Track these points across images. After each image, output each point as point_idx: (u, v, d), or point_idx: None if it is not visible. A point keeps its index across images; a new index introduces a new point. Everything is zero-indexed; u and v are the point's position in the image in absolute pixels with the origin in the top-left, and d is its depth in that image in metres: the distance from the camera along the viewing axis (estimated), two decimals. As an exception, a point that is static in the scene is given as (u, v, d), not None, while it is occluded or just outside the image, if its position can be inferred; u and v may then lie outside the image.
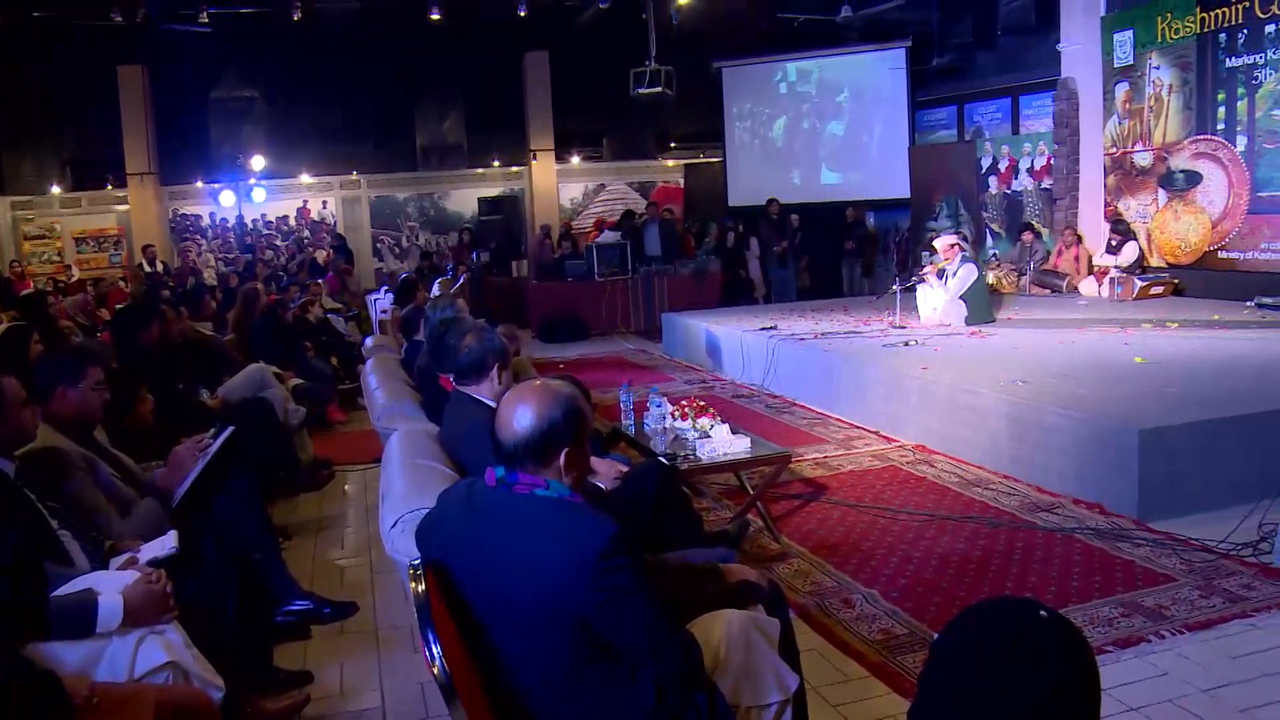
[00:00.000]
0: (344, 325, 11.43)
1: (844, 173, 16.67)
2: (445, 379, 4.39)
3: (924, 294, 9.62)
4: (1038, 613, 1.37)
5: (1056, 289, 12.03)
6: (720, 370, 10.23)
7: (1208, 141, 10.79)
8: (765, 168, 17.37)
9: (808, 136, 16.99)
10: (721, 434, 5.25)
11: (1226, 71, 10.48)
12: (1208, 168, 10.83)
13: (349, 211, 20.29)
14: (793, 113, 17.07)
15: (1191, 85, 10.92)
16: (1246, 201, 10.38)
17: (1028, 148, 13.63)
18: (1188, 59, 10.94)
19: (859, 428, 7.48)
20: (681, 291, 14.06)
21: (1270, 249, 10.18)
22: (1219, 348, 7.63)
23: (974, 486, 5.86)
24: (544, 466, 2.35)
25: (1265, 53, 10.04)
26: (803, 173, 16.99)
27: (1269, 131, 10.11)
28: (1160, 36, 11.25)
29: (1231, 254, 10.59)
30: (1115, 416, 5.49)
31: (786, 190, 16.24)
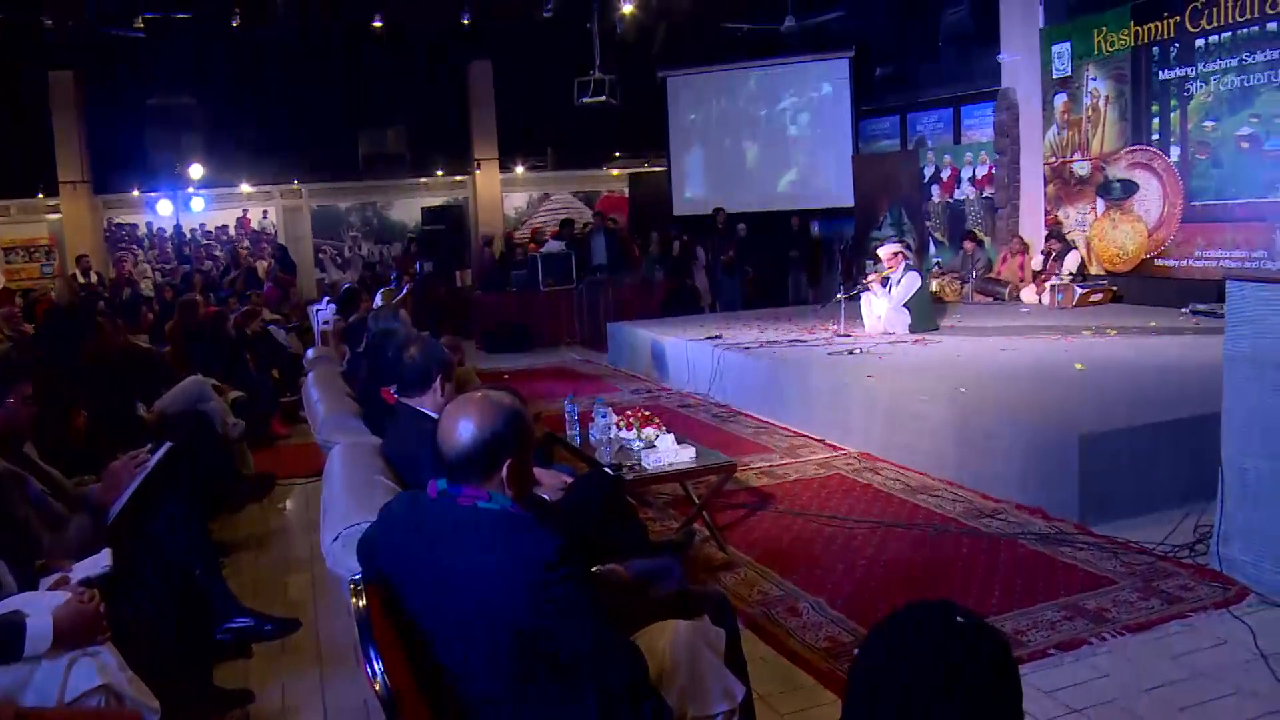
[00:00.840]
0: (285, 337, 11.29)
1: (788, 182, 16.80)
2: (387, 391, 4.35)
3: (868, 302, 9.71)
4: (954, 618, 1.37)
5: (998, 297, 12.20)
6: (666, 380, 10.24)
7: (1143, 151, 11.03)
8: (710, 177, 17.46)
9: (751, 145, 17.11)
10: (667, 444, 5.25)
11: (1160, 84, 10.74)
12: (1143, 177, 11.06)
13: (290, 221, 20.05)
14: (737, 122, 17.18)
15: (1127, 97, 11.16)
16: (1180, 210, 10.62)
17: (969, 157, 13.84)
18: (1123, 71, 11.19)
19: (804, 436, 7.53)
20: (627, 301, 14.07)
21: (1204, 257, 10.43)
22: (1156, 354, 7.79)
23: (919, 493, 5.92)
24: (487, 479, 2.33)
25: (1196, 66, 10.30)
26: (747, 182, 17.09)
27: (1200, 142, 10.36)
28: (1097, 49, 11.49)
29: (1167, 262, 10.83)
30: (1056, 422, 5.59)
31: (731, 199, 16.33)
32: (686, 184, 17.60)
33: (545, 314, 14.09)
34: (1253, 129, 9.80)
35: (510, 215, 20.71)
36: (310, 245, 20.10)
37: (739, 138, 17.22)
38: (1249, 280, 4.29)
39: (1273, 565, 4.23)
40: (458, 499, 2.32)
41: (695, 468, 5.23)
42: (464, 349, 7.03)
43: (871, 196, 15.27)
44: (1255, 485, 4.27)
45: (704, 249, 15.66)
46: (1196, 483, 5.07)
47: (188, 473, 4.35)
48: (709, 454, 5.41)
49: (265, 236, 19.69)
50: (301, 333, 12.45)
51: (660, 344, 10.47)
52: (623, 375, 11.00)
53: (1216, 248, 10.28)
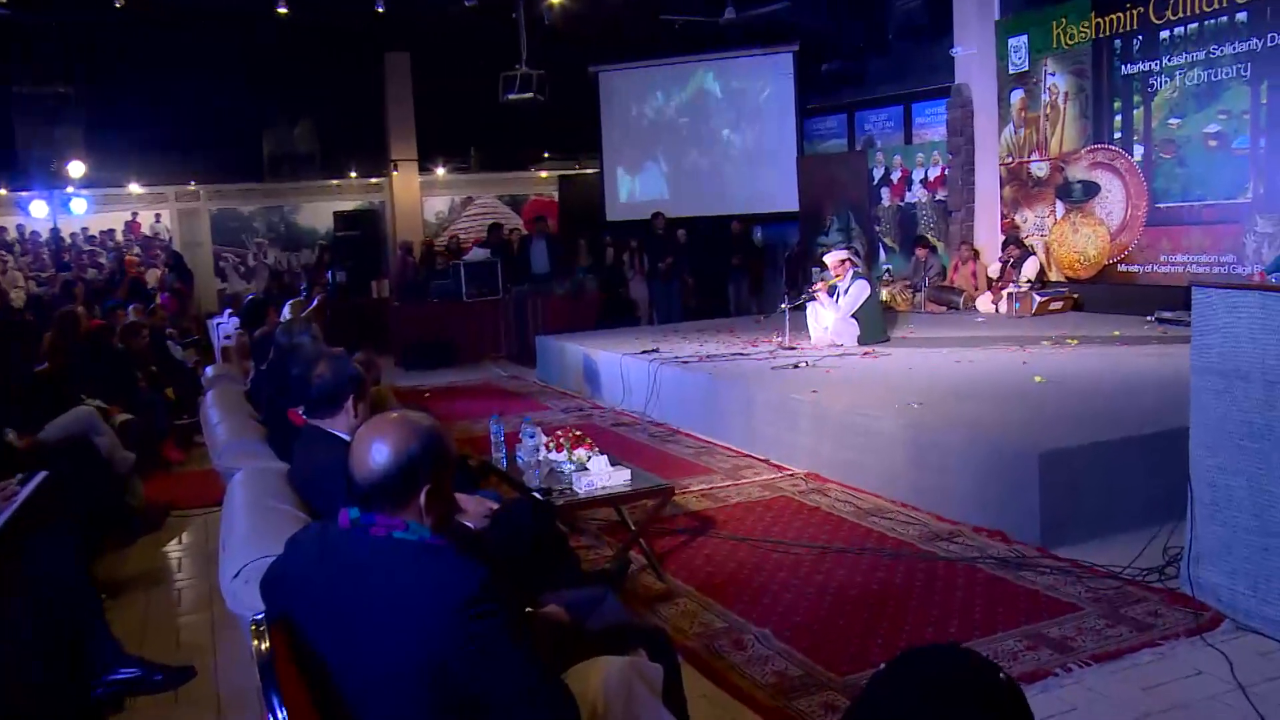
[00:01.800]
0: (181, 352, 11.09)
1: (729, 184, 16.93)
2: (295, 412, 4.28)
3: (814, 313, 9.79)
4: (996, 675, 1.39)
5: (953, 306, 12.38)
6: (599, 397, 10.22)
7: (1105, 151, 11.27)
8: (644, 179, 17.52)
9: (690, 146, 17.21)
10: (600, 466, 5.23)
11: (1122, 79, 10.98)
12: (1105, 178, 11.30)
13: (186, 226, 19.70)
14: (673, 120, 17.28)
15: (1088, 93, 11.40)
16: (1145, 213, 10.86)
17: (921, 158, 14.04)
18: (1083, 66, 11.42)
19: (747, 456, 7.55)
20: (557, 312, 14.04)
21: (1170, 262, 10.65)
22: (1120, 365, 7.94)
23: (870, 516, 5.96)
24: (403, 506, 2.30)
25: (1160, 60, 10.53)
26: (684, 185, 17.19)
27: (1165, 140, 10.59)
28: (1056, 42, 11.72)
29: (1131, 267, 11.06)
30: (1015, 439, 5.66)
31: (668, 203, 16.41)
32: (620, 187, 17.65)
33: (469, 327, 14.01)
34: (1220, 126, 10.03)
35: (431, 221, 20.60)
36: (209, 252, 19.79)
37: (676, 137, 17.31)
38: (1216, 287, 4.32)
39: (1247, 588, 4.22)
40: (371, 529, 2.29)
41: (631, 491, 5.22)
42: (380, 366, 6.94)
43: (817, 200, 15.43)
44: (1226, 503, 4.29)
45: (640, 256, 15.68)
46: (1165, 502, 5.11)
47: (68, 506, 4.23)
48: (645, 476, 5.41)
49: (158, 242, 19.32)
50: (200, 348, 12.24)
51: (593, 359, 10.45)
52: (553, 392, 10.96)
53: (1183, 252, 10.51)
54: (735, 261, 15.78)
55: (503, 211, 20.92)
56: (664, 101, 17.32)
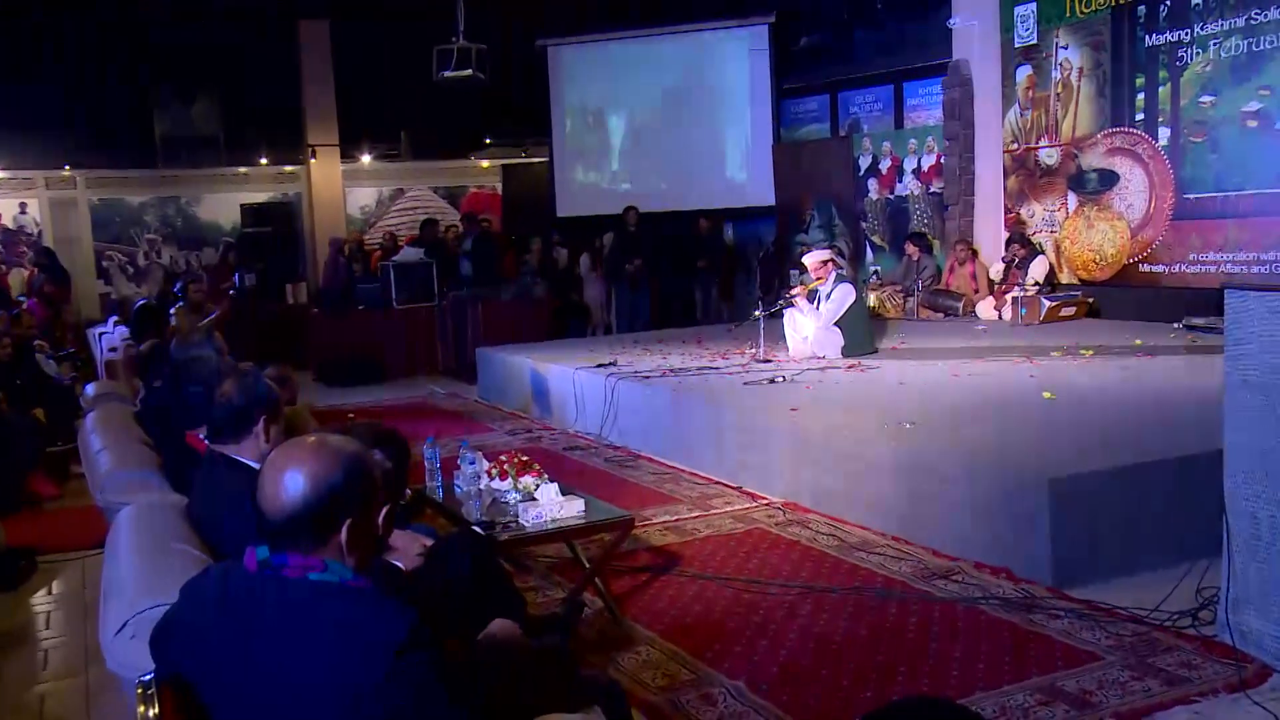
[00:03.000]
0: (55, 368, 10.93)
1: (695, 175, 16.96)
2: (195, 437, 4.23)
3: (792, 321, 9.82)
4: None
5: (950, 312, 12.46)
6: (549, 417, 10.19)
7: (1125, 135, 11.37)
8: (601, 169, 17.53)
9: (651, 131, 17.24)
10: (550, 495, 5.21)
11: (1146, 51, 11.06)
12: (1125, 166, 11.40)
13: (61, 218, 19.33)
14: (633, 102, 17.30)
15: (1105, 68, 11.49)
16: (1171, 205, 10.95)
17: (913, 144, 14.12)
18: (1101, 37, 11.52)
19: (718, 484, 7.54)
20: (501, 321, 13.97)
21: (1200, 261, 10.73)
22: (1142, 379, 8.01)
23: (857, 551, 5.96)
24: (321, 544, 2.28)
25: (1191, 28, 10.60)
26: (645, 176, 17.21)
27: (1196, 122, 10.66)
28: (1069, 11, 11.82)
29: (1155, 267, 11.16)
30: (1021, 464, 5.68)
31: (626, 196, 16.40)
32: (573, 178, 17.64)
33: (400, 338, 13.94)
34: (1262, 104, 10.09)
35: (355, 215, 20.47)
36: (90, 250, 19.43)
37: (635, 122, 17.33)
38: (1254, 289, 4.24)
39: (1299, 637, 4.16)
40: (283, 570, 2.26)
41: (585, 524, 5.21)
42: (296, 382, 6.87)
43: (796, 192, 15.49)
44: (1270, 537, 4.22)
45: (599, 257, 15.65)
46: (1196, 536, 5.11)
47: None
48: (602, 507, 5.40)
49: (23, 237, 18.98)
50: (78, 362, 12.08)
51: (542, 374, 10.42)
52: (496, 412, 10.93)
53: (1215, 249, 10.58)
54: (703, 263, 15.78)
55: (438, 205, 20.83)
56: (622, 80, 17.34)
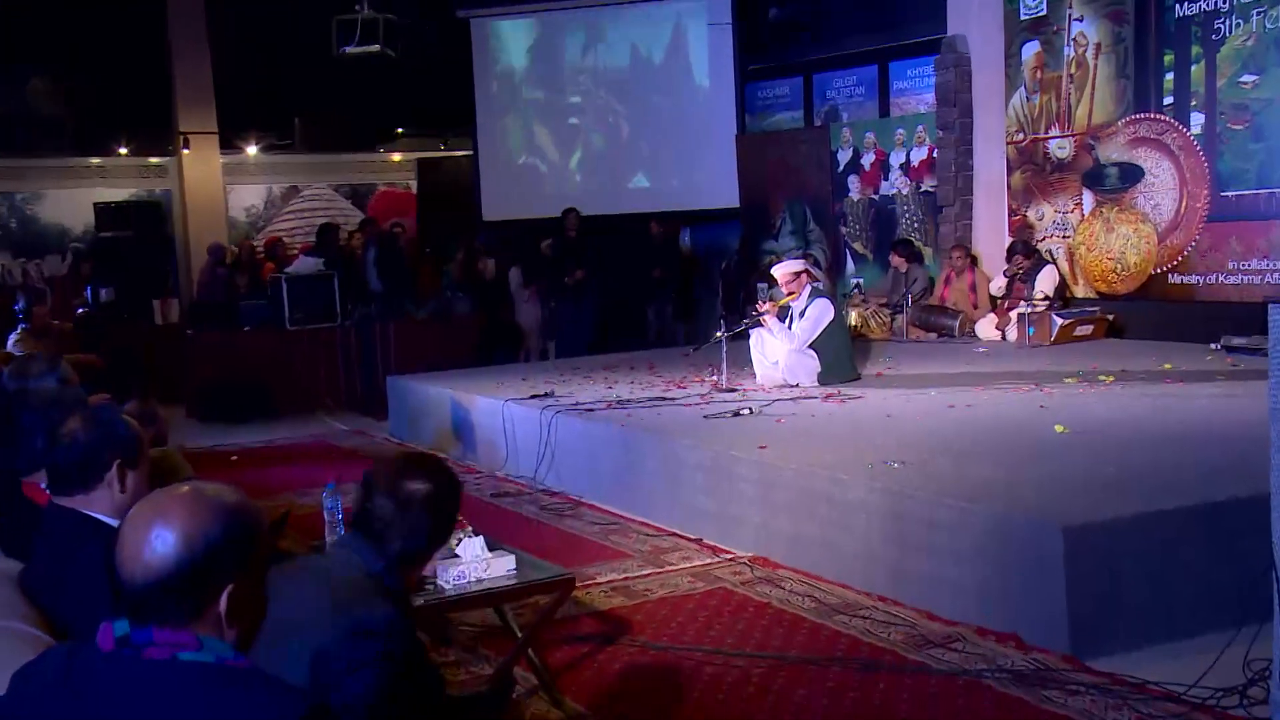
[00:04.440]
0: None
1: (647, 172, 17.02)
2: (34, 486, 4.15)
3: (760, 343, 9.81)
4: None
5: (945, 331, 12.52)
6: (473, 458, 10.17)
7: (1151, 122, 11.47)
8: (535, 165, 17.54)
9: (595, 120, 17.28)
10: (474, 551, 5.18)
11: (1176, 23, 11.16)
12: (1151, 158, 11.49)
13: None
14: (573, 85, 17.33)
15: (1128, 43, 11.59)
16: (1206, 204, 11.04)
17: (901, 135, 14.21)
18: (1122, 7, 11.62)
19: (674, 535, 7.52)
20: (417, 345, 13.93)
21: (1241, 270, 10.79)
22: (1172, 410, 8.05)
23: (838, 614, 5.95)
24: (195, 616, 2.24)
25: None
26: (588, 173, 17.25)
27: (1236, 106, 10.75)
28: (1084, -24, 11.93)
29: (1187, 278, 11.23)
30: (1031, 509, 5.70)
31: (565, 197, 16.38)
32: (502, 175, 17.62)
33: (295, 365, 13.80)
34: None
35: (239, 218, 20.37)
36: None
37: (575, 108, 17.35)
38: None
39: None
40: (147, 650, 2.22)
41: (516, 585, 5.19)
42: (164, 420, 6.80)
43: (764, 192, 15.54)
44: None
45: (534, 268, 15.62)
46: (1240, 596, 5.10)
47: None
48: (536, 564, 5.38)
49: None
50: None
51: (465, 407, 10.40)
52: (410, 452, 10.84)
53: (1258, 256, 10.67)
54: (656, 274, 15.80)
55: (340, 207, 20.76)
56: (559, 59, 17.37)
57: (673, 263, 16.20)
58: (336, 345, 13.99)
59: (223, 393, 13.45)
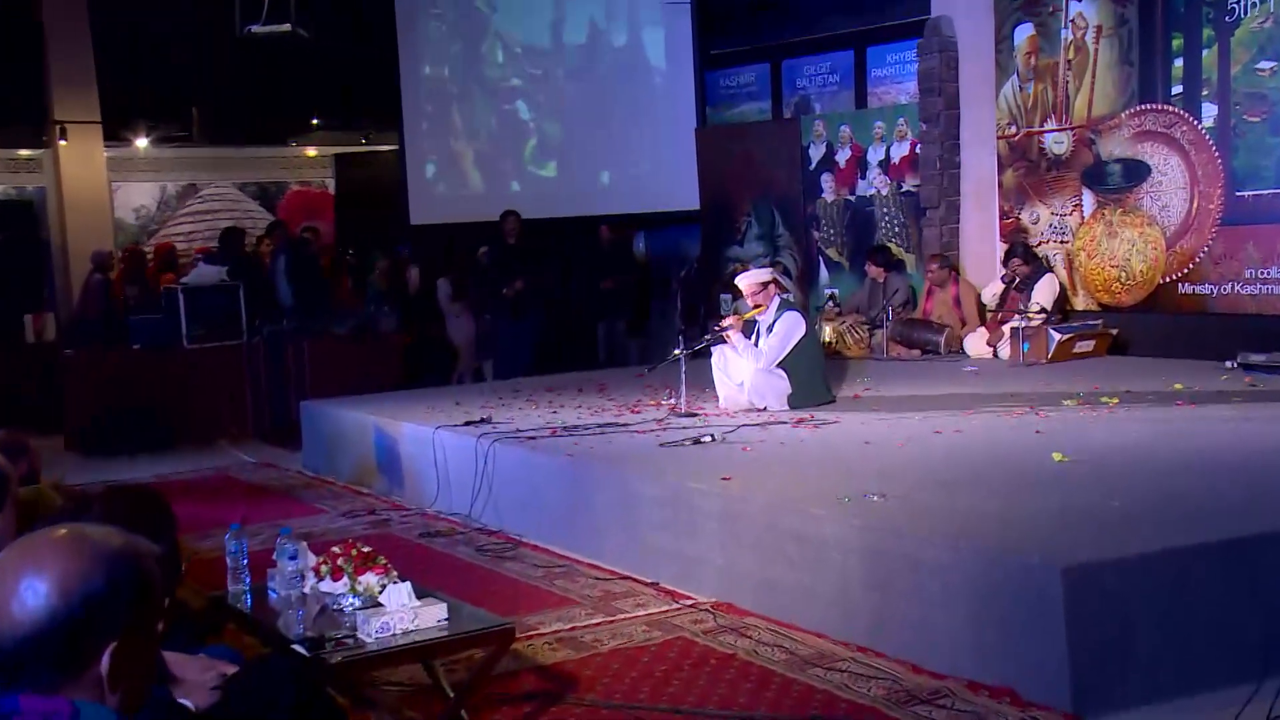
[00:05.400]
0: None
1: (595, 170, 17.05)
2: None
3: (724, 361, 9.83)
4: None
5: (930, 348, 12.57)
6: (400, 494, 10.14)
7: (1158, 114, 11.55)
8: (469, 162, 17.52)
9: (537, 112, 17.29)
10: (400, 599, 5.16)
11: (1185, 4, 11.26)
12: (1159, 154, 11.56)
13: None
14: (514, 73, 17.34)
15: (1132, 26, 11.67)
16: (1220, 206, 11.12)
17: (880, 129, 14.27)
18: (1126, -15, 11.71)
19: (627, 579, 7.51)
20: (335, 366, 13.90)
21: (1260, 279, 10.86)
22: (1183, 435, 8.10)
23: (811, 667, 5.95)
24: (71, 678, 2.22)
25: (1246, -28, 10.80)
26: (529, 170, 17.24)
27: (1252, 95, 10.84)
28: (1083, -50, 12.02)
29: (1199, 288, 11.30)
30: (1028, 548, 5.71)
31: (502, 198, 16.35)
32: (431, 173, 17.60)
33: (194, 389, 13.73)
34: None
35: (128, 220, 20.26)
36: None
37: (516, 99, 17.34)
38: None
39: None
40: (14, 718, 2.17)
41: (448, 638, 5.18)
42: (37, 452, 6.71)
43: (727, 192, 15.57)
44: None
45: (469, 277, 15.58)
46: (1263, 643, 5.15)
47: None
48: (471, 614, 5.38)
49: None
50: None
51: (390, 435, 10.38)
52: (326, 488, 10.86)
53: (1278, 264, 10.75)
54: (606, 285, 15.80)
55: (246, 208, 20.67)
56: (495, 42, 17.36)
57: (625, 272, 16.22)
58: (242, 366, 13.92)
59: (108, 421, 13.34)
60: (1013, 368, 11.51)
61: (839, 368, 11.51)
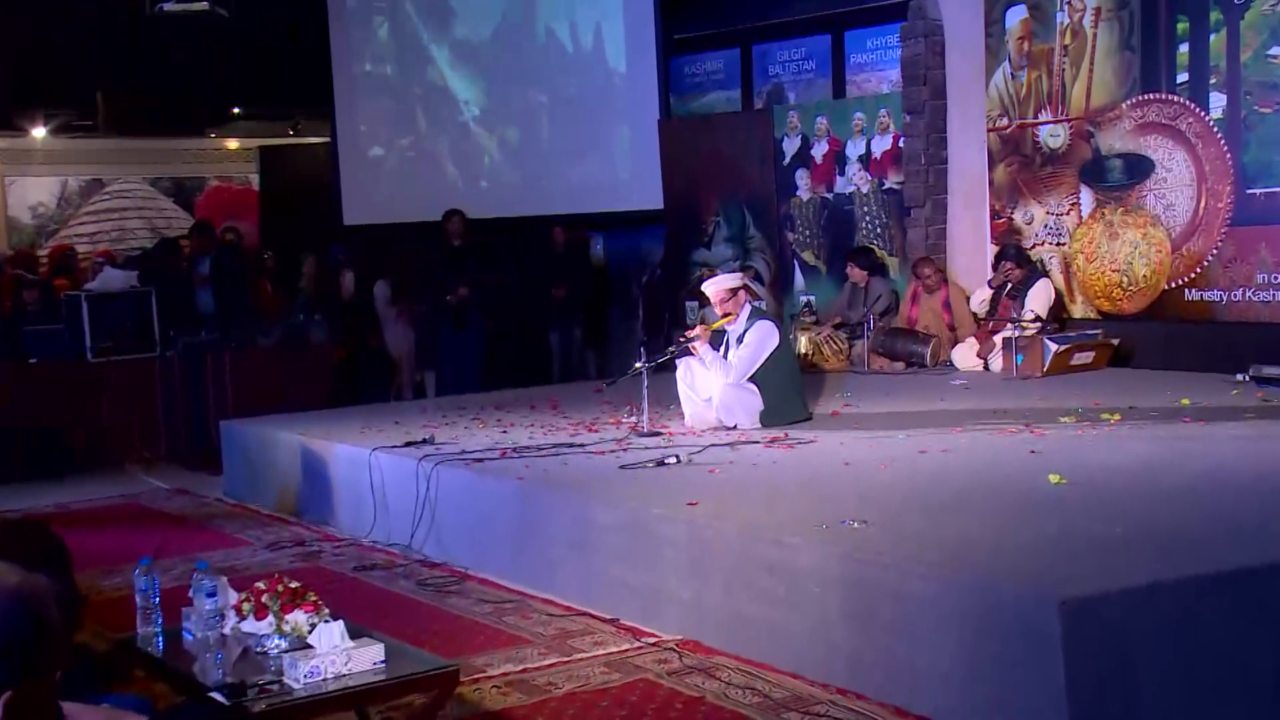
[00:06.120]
0: None
1: (548, 165, 17.03)
2: None
3: (690, 375, 9.84)
4: None
5: (915, 360, 12.60)
6: (332, 523, 10.13)
7: (1162, 104, 11.60)
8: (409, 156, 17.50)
9: (485, 103, 17.26)
10: (332, 640, 5.15)
11: (1192, -16, 11.32)
12: (1163, 148, 11.62)
13: None
14: (457, 57, 17.29)
15: (1134, 9, 11.73)
16: (1229, 204, 11.16)
17: (860, 120, 14.30)
18: (1127, -35, 11.77)
19: (583, 615, 7.51)
20: (260, 381, 13.84)
21: (1272, 284, 10.91)
22: (1190, 454, 8.14)
23: (786, 710, 5.96)
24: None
25: (1254, -50, 10.87)
26: (475, 165, 17.23)
27: (1263, 85, 10.90)
28: (1080, -75, 12.07)
29: (1207, 294, 11.34)
30: (1022, 578, 5.73)
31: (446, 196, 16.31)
32: (367, 168, 17.57)
33: (100, 407, 13.66)
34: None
35: (22, 219, 20.15)
36: None
37: (461, 86, 17.32)
38: None
39: None
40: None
41: (386, 682, 5.17)
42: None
43: (693, 190, 15.58)
44: None
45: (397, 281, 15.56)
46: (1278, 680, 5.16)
47: None
48: (411, 654, 5.38)
49: None
50: None
51: (321, 458, 10.37)
52: (250, 517, 10.83)
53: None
54: (560, 292, 15.79)
55: (159, 206, 20.58)
56: (440, 23, 17.34)
57: (581, 277, 16.23)
58: (155, 381, 13.86)
59: (1, 444, 13.27)
60: (1005, 381, 11.55)
61: (816, 382, 11.54)
